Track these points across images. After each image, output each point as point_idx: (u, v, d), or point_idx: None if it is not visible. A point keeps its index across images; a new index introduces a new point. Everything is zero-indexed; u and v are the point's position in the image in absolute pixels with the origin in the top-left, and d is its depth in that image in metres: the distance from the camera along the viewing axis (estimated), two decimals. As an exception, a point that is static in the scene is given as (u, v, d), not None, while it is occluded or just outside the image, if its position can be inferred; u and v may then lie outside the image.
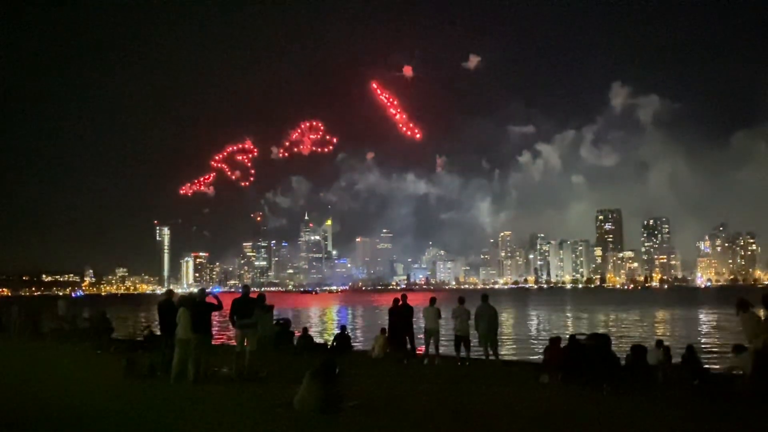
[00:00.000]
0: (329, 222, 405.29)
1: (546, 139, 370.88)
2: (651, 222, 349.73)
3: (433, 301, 18.83)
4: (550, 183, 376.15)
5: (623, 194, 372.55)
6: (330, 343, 22.33)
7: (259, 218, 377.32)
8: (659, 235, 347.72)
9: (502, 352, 21.10)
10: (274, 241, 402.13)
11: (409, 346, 18.77)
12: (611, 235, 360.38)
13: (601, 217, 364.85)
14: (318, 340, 24.58)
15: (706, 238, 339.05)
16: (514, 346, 30.76)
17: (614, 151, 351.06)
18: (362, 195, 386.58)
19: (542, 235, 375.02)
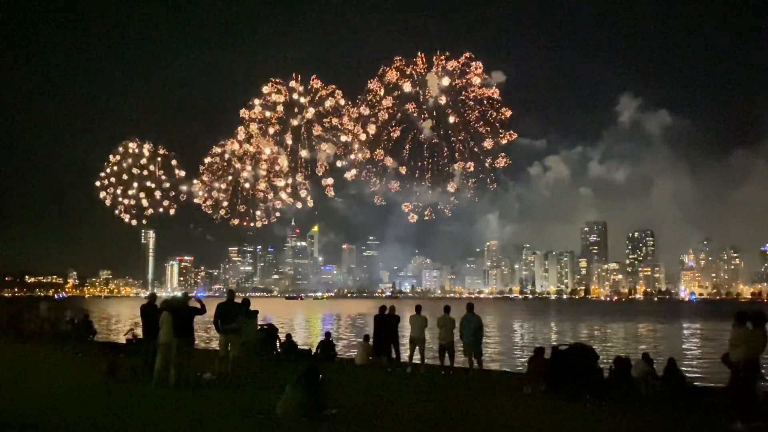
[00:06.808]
0: (316, 228, 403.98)
1: (555, 152, 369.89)
2: (636, 234, 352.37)
3: (419, 309, 18.82)
4: (550, 196, 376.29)
5: (615, 207, 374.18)
6: (314, 349, 22.22)
7: (245, 223, 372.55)
8: (644, 248, 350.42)
9: (486, 362, 21.10)
10: (260, 247, 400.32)
11: (393, 354, 18.74)
12: (596, 247, 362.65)
13: (586, 228, 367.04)
14: (302, 346, 24.45)
15: (690, 251, 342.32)
16: (499, 356, 30.78)
17: (619, 166, 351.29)
18: (366, 203, 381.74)
19: (528, 245, 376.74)
